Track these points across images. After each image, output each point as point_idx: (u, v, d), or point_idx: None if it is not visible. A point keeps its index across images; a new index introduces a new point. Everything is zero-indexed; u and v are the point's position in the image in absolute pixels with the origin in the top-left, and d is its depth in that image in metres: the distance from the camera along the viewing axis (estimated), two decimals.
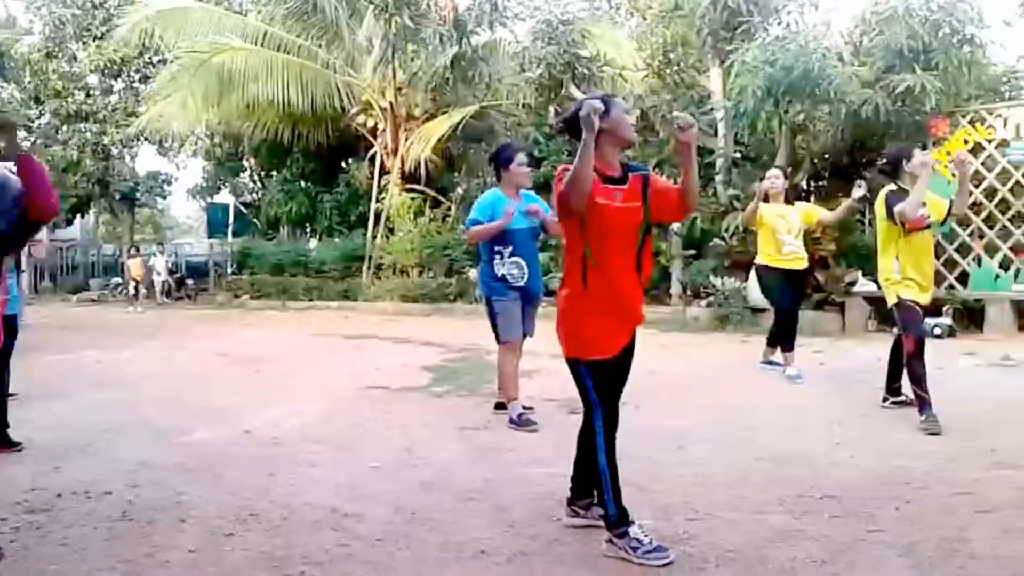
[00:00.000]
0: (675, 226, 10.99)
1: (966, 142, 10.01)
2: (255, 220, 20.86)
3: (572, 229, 3.30)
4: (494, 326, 5.61)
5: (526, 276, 5.50)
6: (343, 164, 18.14)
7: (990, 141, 9.94)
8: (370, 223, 15.92)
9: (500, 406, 5.75)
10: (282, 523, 3.65)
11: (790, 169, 8.97)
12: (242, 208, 22.18)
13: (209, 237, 23.10)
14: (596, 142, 3.15)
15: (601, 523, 3.39)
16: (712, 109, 11.75)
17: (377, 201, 15.72)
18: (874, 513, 3.70)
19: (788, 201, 7.28)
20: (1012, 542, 3.31)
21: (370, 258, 15.49)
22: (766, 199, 7.16)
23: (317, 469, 4.54)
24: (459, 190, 16.22)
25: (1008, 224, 9.89)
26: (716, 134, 11.85)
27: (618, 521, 3.25)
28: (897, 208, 5.22)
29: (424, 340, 10.00)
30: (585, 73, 13.27)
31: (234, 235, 21.21)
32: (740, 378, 7.22)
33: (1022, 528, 3.46)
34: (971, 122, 10.11)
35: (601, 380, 3.30)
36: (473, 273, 12.78)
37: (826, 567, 3.12)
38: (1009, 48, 16.45)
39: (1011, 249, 9.80)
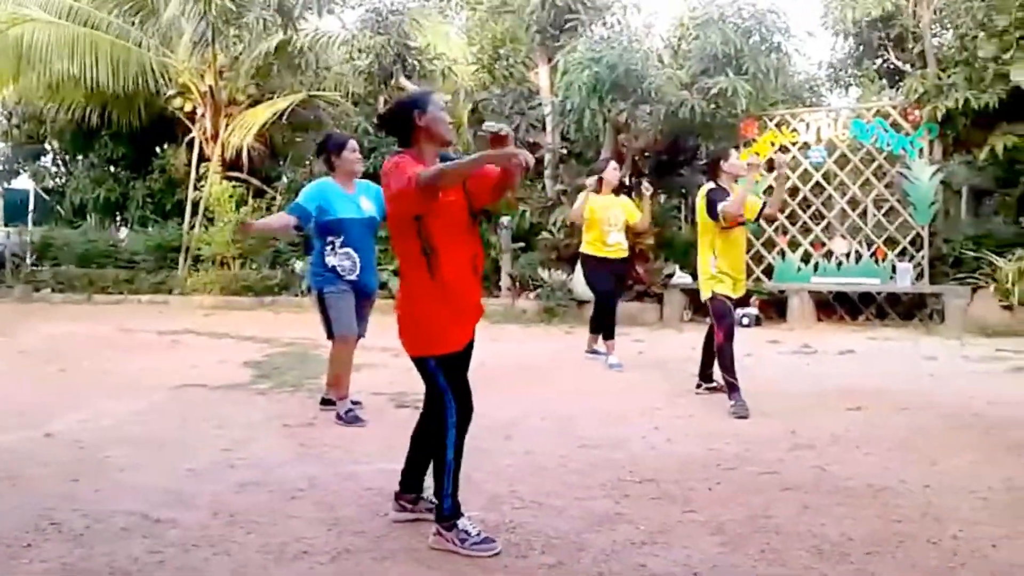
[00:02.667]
0: (504, 219, 11.12)
1: (773, 144, 10.71)
2: (58, 207, 19.33)
3: (406, 225, 3.21)
4: (325, 320, 5.39)
5: (358, 269, 5.31)
6: (158, 149, 17.04)
7: (794, 144, 10.67)
8: (187, 212, 15.12)
9: (326, 402, 5.59)
10: (86, 532, 3.38)
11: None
12: (44, 194, 20.49)
13: (5, 225, 21.20)
14: (413, 139, 3.22)
15: (430, 516, 3.36)
16: (540, 105, 11.97)
17: (195, 189, 14.94)
18: (688, 494, 3.87)
19: (615, 193, 7.53)
20: (811, 517, 3.55)
21: (187, 249, 14.71)
22: (598, 190, 7.37)
23: (126, 474, 4.23)
24: (284, 179, 15.71)
25: (809, 221, 10.66)
26: (544, 129, 12.08)
27: (451, 515, 3.24)
28: (721, 206, 5.53)
29: (246, 335, 9.58)
30: (415, 65, 13.18)
31: (34, 223, 19.56)
32: (566, 368, 7.39)
33: (819, 504, 3.72)
34: (777, 125, 10.82)
35: (452, 374, 3.27)
36: (300, 265, 12.40)
37: (644, 548, 3.23)
38: (811, 57, 17.90)
39: (811, 244, 10.58)
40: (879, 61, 12.72)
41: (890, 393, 5.99)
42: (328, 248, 5.32)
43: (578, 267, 8.53)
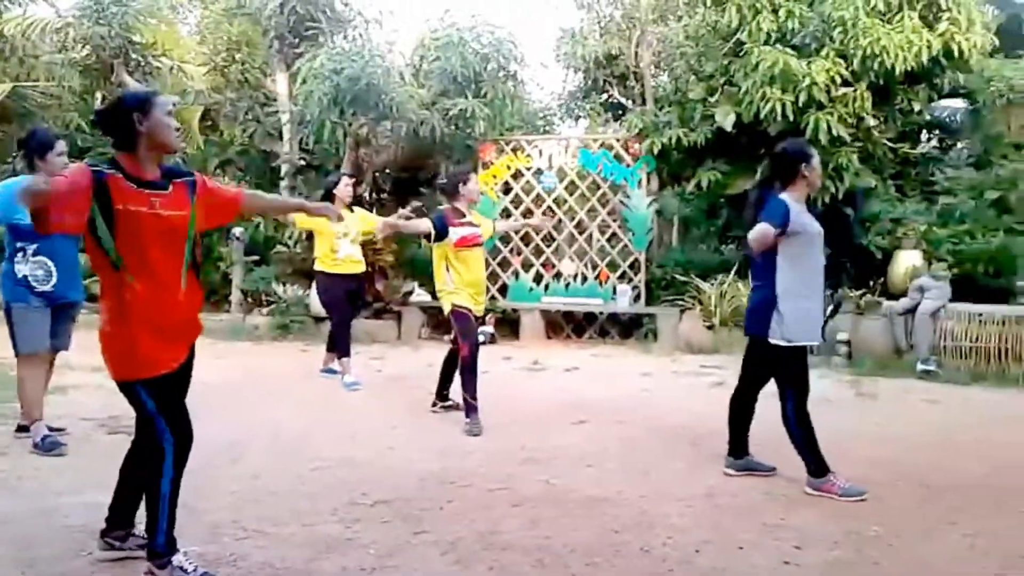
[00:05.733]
0: (236, 231, 10.59)
1: (509, 167, 11.12)
2: None
3: (88, 241, 2.90)
4: (12, 336, 4.83)
5: (54, 279, 4.80)
6: None
7: (528, 168, 11.14)
8: None
9: (22, 428, 4.99)
10: None
11: (355, 179, 9.14)
12: None
13: None
14: (133, 143, 2.95)
15: (141, 554, 3.07)
16: (278, 113, 11.58)
17: None
18: (421, 514, 3.85)
19: (349, 208, 7.42)
20: (538, 531, 3.67)
21: None
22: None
23: None
24: None
25: (541, 243, 11.16)
26: (281, 139, 11.69)
27: (165, 551, 2.98)
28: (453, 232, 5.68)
29: None
30: (139, 61, 12.26)
31: None
32: (299, 387, 7.15)
33: (547, 517, 3.85)
34: (514, 150, 11.24)
35: (163, 399, 2.99)
36: None
37: (374, 574, 3.16)
38: (545, 88, 18.83)
39: (543, 265, 11.08)
40: (605, 96, 13.63)
41: (610, 407, 6.37)
42: (19, 255, 4.76)
43: (315, 282, 8.30)
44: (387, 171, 11.90)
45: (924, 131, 10.60)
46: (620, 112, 13.05)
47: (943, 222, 9.02)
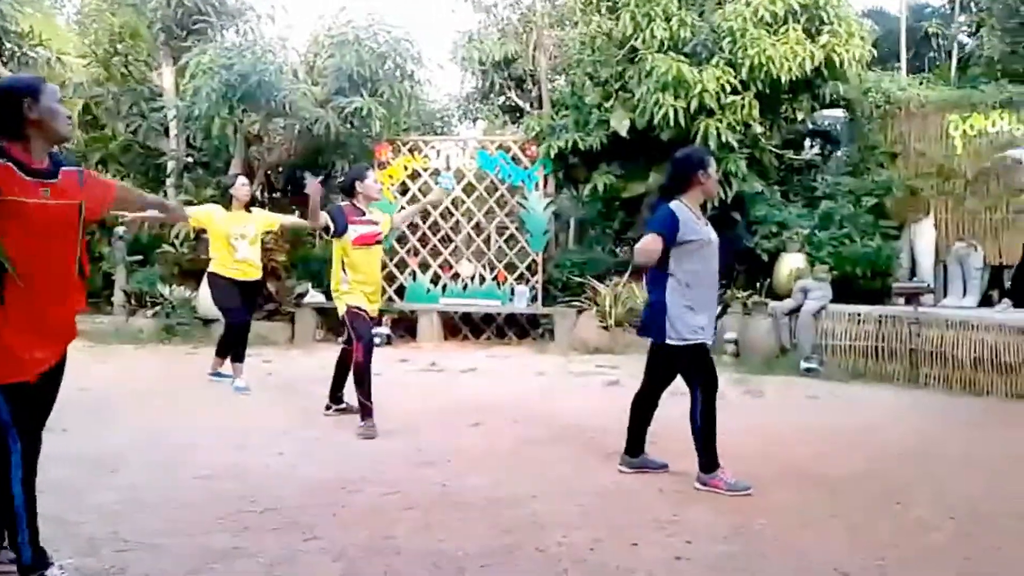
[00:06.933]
0: (119, 230, 10.13)
1: (407, 168, 11.02)
2: None
3: None
4: None
5: None
6: None
7: (426, 169, 11.06)
8: None
9: None
10: None
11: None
12: None
13: None
14: (20, 131, 2.82)
15: (12, 568, 2.89)
16: (164, 108, 11.15)
17: None
18: (312, 521, 3.75)
19: (247, 208, 7.20)
20: (431, 534, 3.62)
21: None
22: (228, 206, 7.04)
23: None
24: None
25: (439, 244, 11.10)
26: (168, 135, 11.27)
27: (34, 565, 2.82)
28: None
29: None
30: (14, 51, 11.59)
31: None
32: (187, 392, 6.89)
33: (441, 520, 3.81)
34: (411, 150, 11.14)
35: (21, 405, 2.81)
36: None
37: None
38: (442, 89, 18.77)
39: (440, 266, 11.02)
40: (503, 98, 13.67)
41: (507, 408, 6.38)
42: None
43: (204, 284, 8.01)
44: (280, 169, 11.62)
45: (807, 139, 11.05)
46: (518, 114, 13.12)
47: (824, 226, 9.41)
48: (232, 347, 7.06)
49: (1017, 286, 7.98)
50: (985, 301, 8.90)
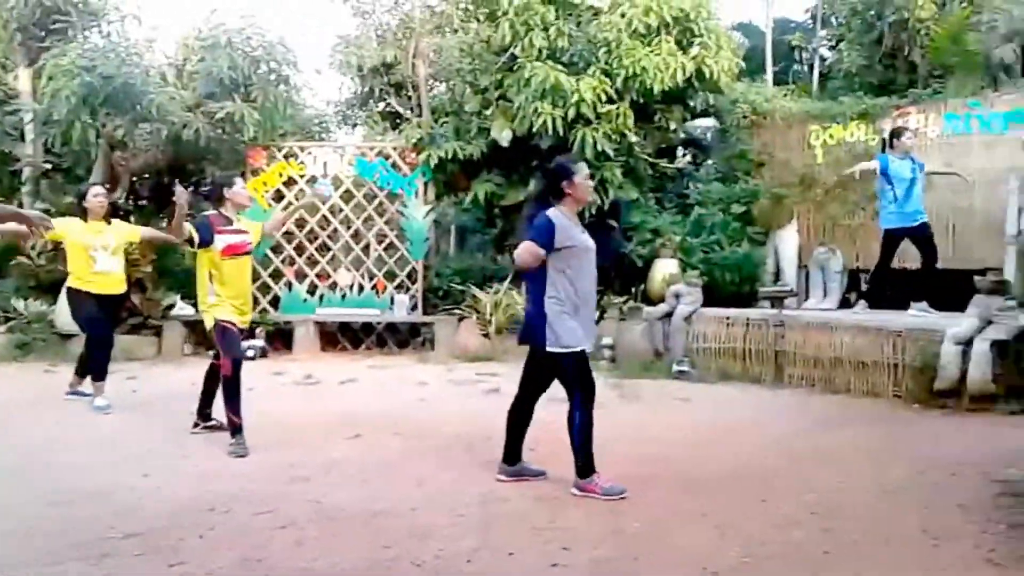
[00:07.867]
0: None
1: (281, 175, 10.73)
2: None
3: None
4: None
5: None
6: None
7: (302, 176, 10.80)
8: None
9: None
10: None
11: (108, 186, 8.44)
12: None
13: None
14: None
15: None
16: (19, 111, 10.50)
17: None
18: (178, 545, 3.59)
19: (106, 220, 6.85)
20: (304, 552, 3.52)
21: None
22: (84, 217, 6.68)
23: None
24: None
25: (316, 253, 10.86)
26: (24, 140, 10.61)
27: None
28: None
29: None
30: None
31: None
32: (42, 412, 6.49)
33: (315, 537, 3.71)
34: (286, 157, 10.86)
35: None
36: None
37: None
38: (320, 94, 18.45)
39: (317, 276, 10.79)
40: (382, 105, 13.51)
41: (387, 419, 6.28)
42: None
43: (62, 298, 7.56)
44: (146, 176, 11.12)
45: (680, 147, 11.39)
46: (397, 121, 12.99)
47: (696, 233, 9.72)
48: (94, 364, 6.70)
49: (873, 289, 8.44)
50: (844, 303, 9.37)
